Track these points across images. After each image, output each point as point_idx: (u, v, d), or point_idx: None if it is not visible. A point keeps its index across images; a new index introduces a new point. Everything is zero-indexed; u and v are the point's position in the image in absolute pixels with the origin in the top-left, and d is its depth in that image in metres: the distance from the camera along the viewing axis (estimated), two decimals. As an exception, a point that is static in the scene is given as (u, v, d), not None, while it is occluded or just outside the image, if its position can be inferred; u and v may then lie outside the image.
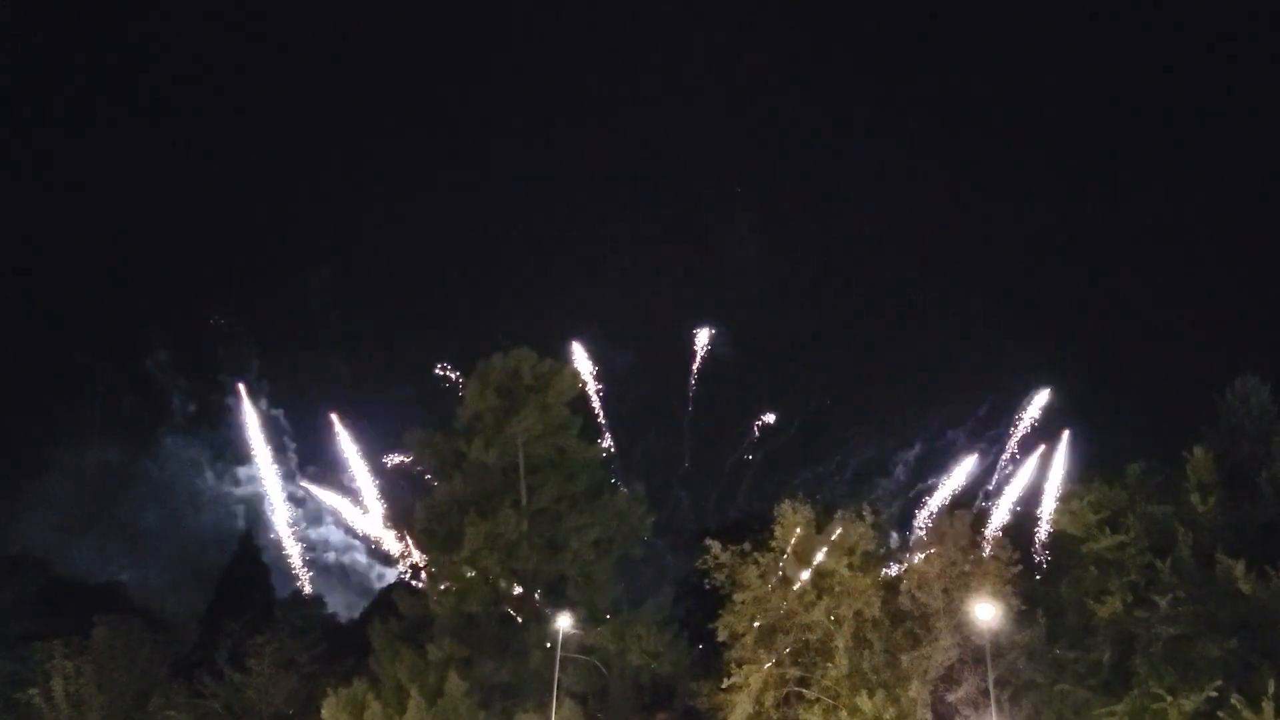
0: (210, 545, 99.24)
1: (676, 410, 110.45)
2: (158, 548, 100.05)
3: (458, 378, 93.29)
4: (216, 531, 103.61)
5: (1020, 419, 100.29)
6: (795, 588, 43.70)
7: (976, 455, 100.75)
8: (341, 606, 79.24)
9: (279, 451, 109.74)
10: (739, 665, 43.49)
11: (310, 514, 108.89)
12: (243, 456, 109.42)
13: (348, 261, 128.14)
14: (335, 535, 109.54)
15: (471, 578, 49.62)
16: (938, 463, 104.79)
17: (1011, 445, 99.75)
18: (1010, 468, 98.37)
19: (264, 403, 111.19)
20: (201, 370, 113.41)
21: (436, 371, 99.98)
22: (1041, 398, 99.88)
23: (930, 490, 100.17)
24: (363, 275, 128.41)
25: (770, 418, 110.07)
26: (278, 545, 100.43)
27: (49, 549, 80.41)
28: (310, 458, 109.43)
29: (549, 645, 48.11)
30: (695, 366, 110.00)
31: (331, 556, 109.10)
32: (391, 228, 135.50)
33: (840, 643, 42.43)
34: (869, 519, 44.82)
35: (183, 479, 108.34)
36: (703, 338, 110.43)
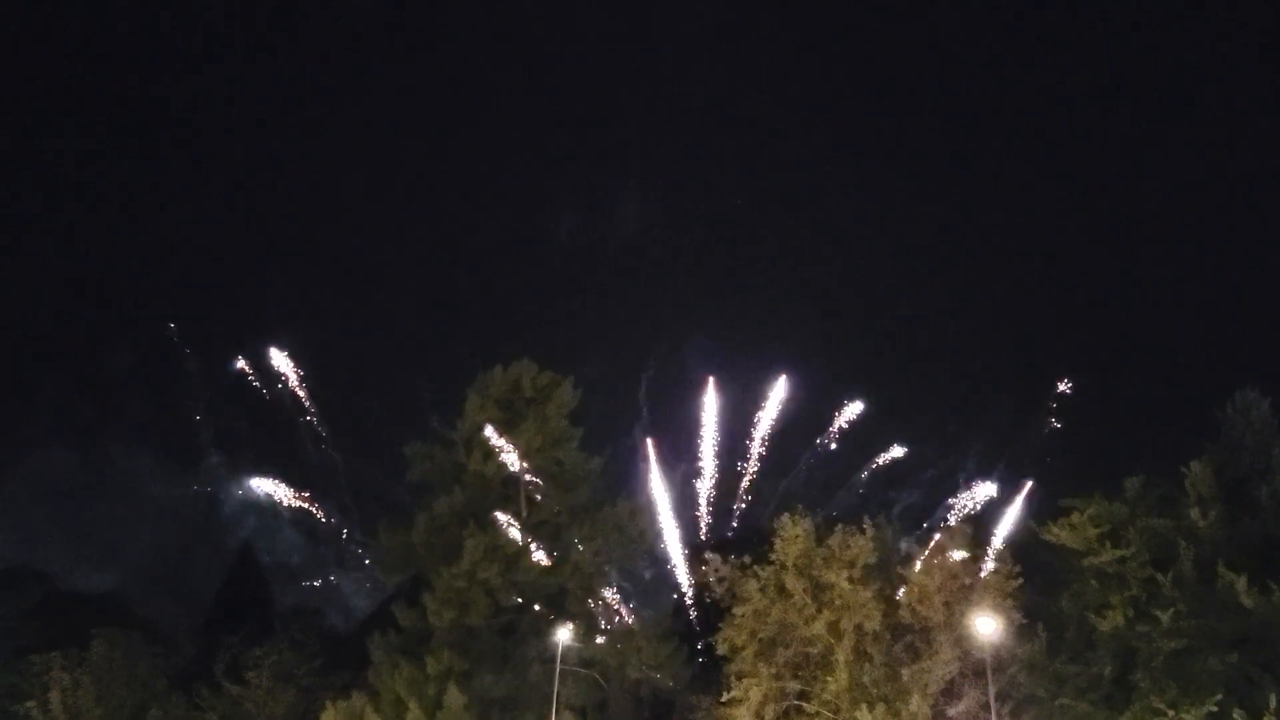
0: (168, 549, 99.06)
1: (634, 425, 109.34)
2: (119, 552, 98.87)
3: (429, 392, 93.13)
4: (177, 535, 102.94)
5: (1017, 431, 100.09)
6: (795, 601, 43.58)
7: (975, 467, 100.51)
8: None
9: (233, 456, 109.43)
10: (739, 678, 43.35)
11: (266, 522, 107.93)
12: (196, 460, 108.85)
13: (315, 269, 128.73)
14: (294, 539, 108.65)
15: (471, 590, 49.54)
16: (936, 474, 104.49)
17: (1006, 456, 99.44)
18: (1008, 481, 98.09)
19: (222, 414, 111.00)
20: (161, 373, 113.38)
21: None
22: (1038, 409, 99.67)
23: (930, 504, 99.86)
24: (329, 284, 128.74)
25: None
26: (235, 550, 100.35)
27: (12, 557, 79.75)
28: (264, 465, 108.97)
29: (548, 658, 48.02)
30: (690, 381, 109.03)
31: (294, 560, 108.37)
32: (354, 238, 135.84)
33: (840, 656, 42.31)
34: (869, 531, 44.75)
35: (140, 483, 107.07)
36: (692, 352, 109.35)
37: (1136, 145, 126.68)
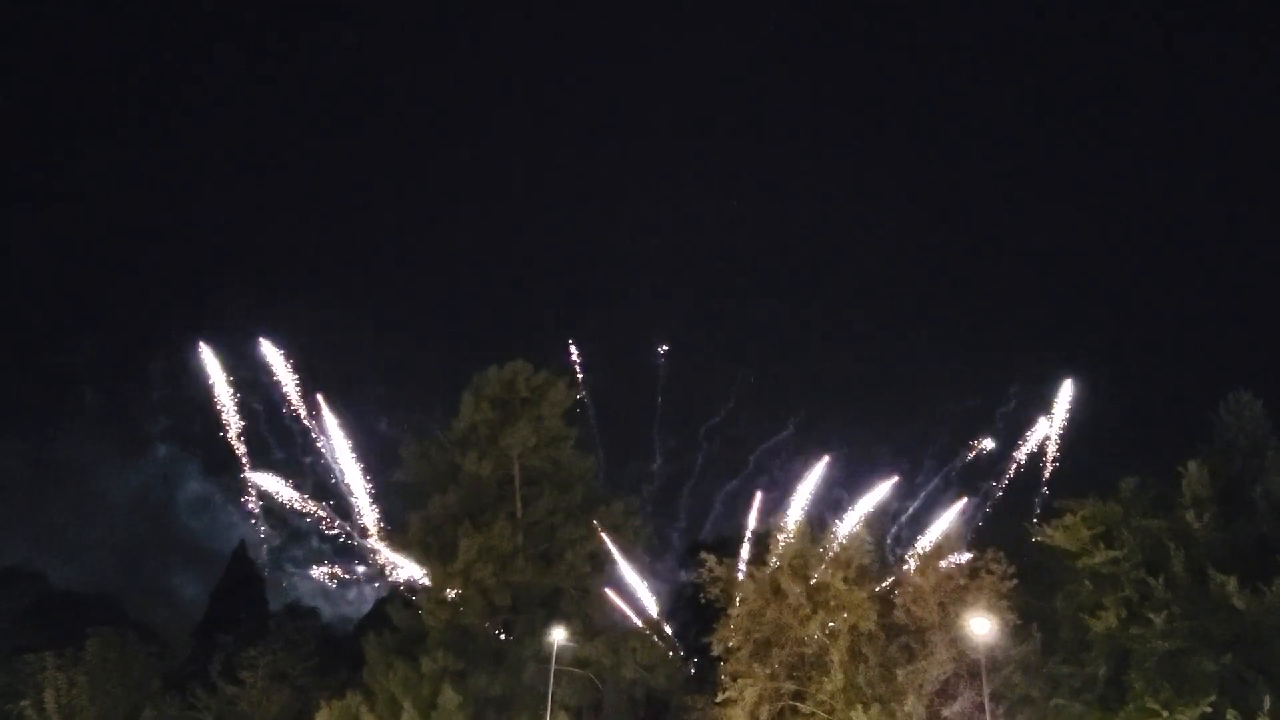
0: (124, 542, 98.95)
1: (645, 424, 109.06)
2: (77, 543, 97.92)
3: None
4: (130, 528, 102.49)
5: (1008, 426, 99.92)
6: (790, 601, 43.64)
7: (969, 470, 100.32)
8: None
9: (183, 447, 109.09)
10: (734, 679, 43.39)
11: (225, 518, 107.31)
12: (145, 450, 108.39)
13: (302, 266, 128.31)
14: (249, 536, 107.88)
15: (466, 590, 49.53)
16: (930, 476, 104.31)
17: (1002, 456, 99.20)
18: (1003, 482, 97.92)
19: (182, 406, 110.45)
20: (119, 365, 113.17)
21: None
22: (1034, 412, 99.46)
23: (925, 504, 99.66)
24: (317, 282, 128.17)
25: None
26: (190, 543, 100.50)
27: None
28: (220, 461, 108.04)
29: (543, 658, 48.02)
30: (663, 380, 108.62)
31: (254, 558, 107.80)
32: (345, 235, 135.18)
33: (835, 657, 42.35)
34: (864, 533, 44.82)
35: (92, 475, 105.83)
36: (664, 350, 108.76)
37: (1133, 146, 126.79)
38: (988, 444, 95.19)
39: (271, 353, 65.80)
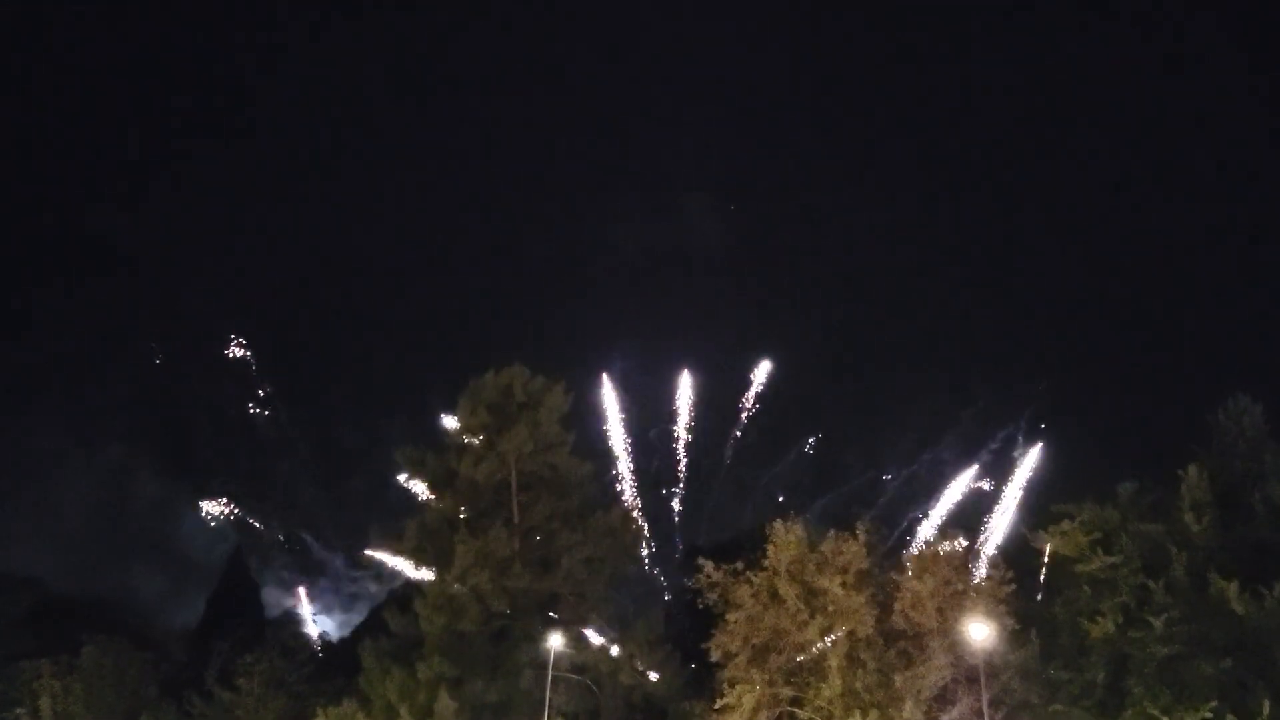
0: (87, 540, 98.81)
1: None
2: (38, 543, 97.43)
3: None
4: (89, 526, 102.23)
5: (1007, 432, 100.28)
6: (788, 607, 43.49)
7: (970, 474, 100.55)
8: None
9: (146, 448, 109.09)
10: (731, 685, 43.24)
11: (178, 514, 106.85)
12: (104, 451, 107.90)
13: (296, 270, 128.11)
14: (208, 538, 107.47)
15: (462, 596, 49.38)
16: (928, 481, 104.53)
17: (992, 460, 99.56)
18: (1002, 486, 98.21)
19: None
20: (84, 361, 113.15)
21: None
22: (1031, 413, 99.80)
23: (924, 509, 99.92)
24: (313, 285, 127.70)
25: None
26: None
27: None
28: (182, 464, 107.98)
29: (540, 664, 47.87)
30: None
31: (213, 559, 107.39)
32: (341, 240, 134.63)
33: (833, 662, 42.20)
34: (862, 537, 44.64)
35: (50, 473, 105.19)
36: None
37: (1130, 148, 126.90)
38: (964, 478, 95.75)
39: (242, 355, 65.60)
